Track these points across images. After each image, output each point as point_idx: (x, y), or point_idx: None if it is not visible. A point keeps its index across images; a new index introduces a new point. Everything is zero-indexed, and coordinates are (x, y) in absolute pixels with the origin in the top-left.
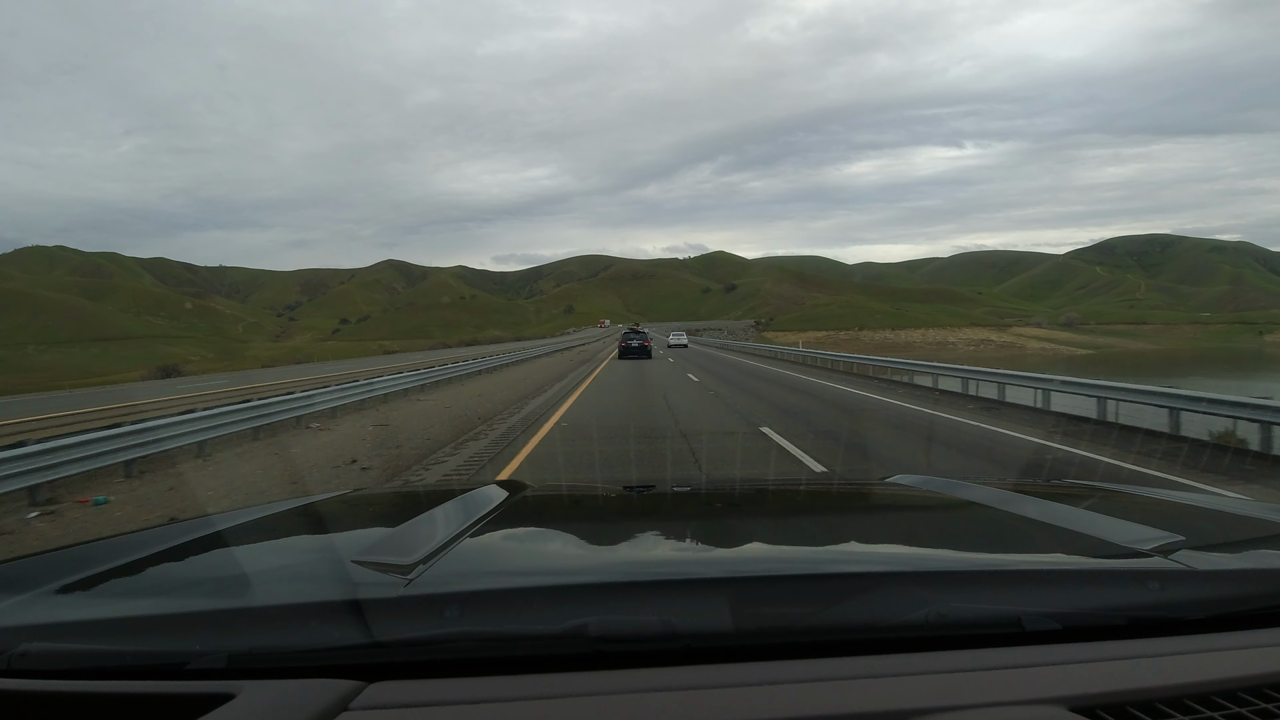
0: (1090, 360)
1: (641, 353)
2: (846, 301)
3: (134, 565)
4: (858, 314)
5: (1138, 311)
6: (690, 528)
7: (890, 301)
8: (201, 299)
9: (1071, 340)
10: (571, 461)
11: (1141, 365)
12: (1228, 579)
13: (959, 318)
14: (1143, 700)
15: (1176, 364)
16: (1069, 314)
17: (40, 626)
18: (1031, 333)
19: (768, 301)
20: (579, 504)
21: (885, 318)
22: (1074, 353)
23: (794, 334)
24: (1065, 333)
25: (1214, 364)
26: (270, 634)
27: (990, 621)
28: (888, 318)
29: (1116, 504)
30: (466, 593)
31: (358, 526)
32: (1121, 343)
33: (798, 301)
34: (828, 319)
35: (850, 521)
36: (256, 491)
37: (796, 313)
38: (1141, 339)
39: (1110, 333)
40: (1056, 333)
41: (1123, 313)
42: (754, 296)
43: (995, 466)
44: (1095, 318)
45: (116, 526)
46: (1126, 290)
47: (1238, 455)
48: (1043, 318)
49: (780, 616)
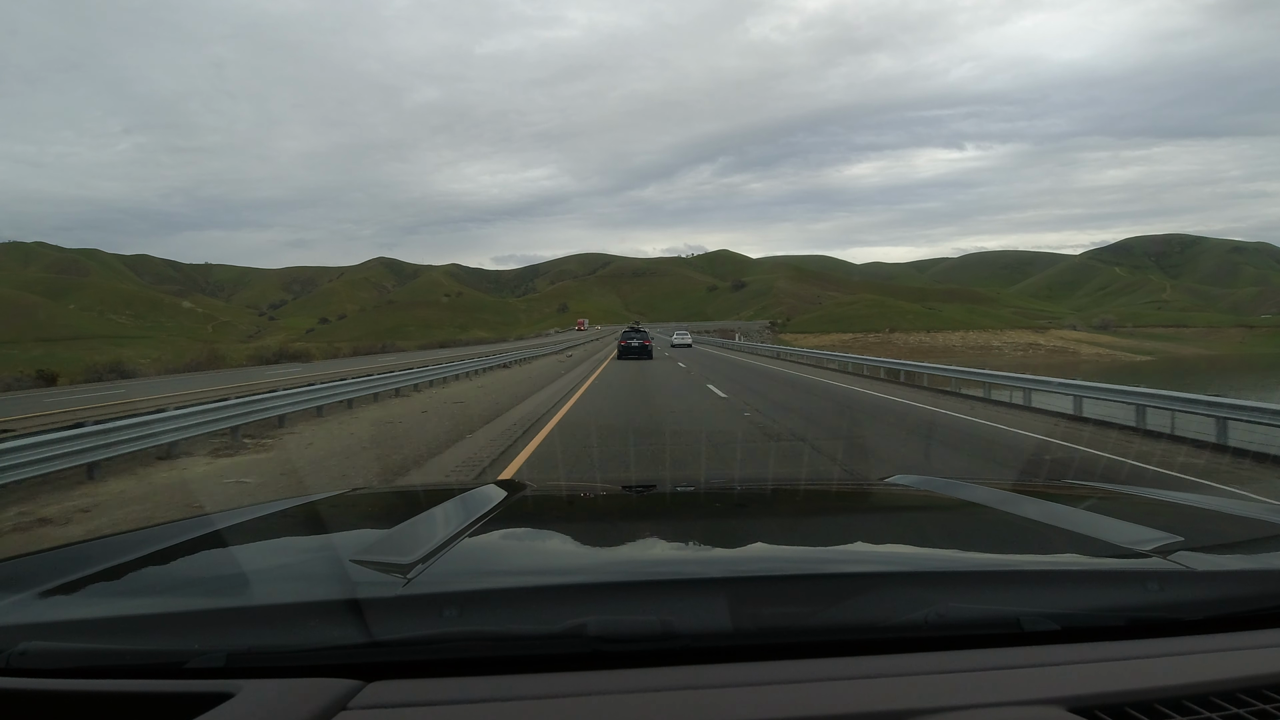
0: (1159, 368)
1: (642, 352)
2: (873, 301)
3: (133, 564)
4: (886, 314)
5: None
6: (690, 527)
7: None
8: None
9: (1119, 344)
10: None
11: (1224, 373)
12: (1227, 579)
13: (995, 319)
14: (1142, 701)
15: (1259, 372)
16: (1104, 316)
17: (39, 625)
18: (1074, 336)
19: (780, 300)
20: (578, 504)
21: (916, 319)
22: (1132, 359)
23: (815, 336)
24: (1106, 336)
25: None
26: (269, 633)
27: (989, 622)
28: (919, 319)
29: (1116, 504)
30: (465, 592)
31: (356, 526)
32: (1170, 347)
33: (813, 300)
34: (852, 320)
35: (850, 522)
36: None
37: (815, 313)
38: (1189, 343)
39: (1150, 336)
40: (1098, 336)
41: (1158, 315)
42: (765, 295)
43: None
44: (1131, 320)
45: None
46: (1150, 291)
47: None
48: (1075, 319)
49: (779, 616)
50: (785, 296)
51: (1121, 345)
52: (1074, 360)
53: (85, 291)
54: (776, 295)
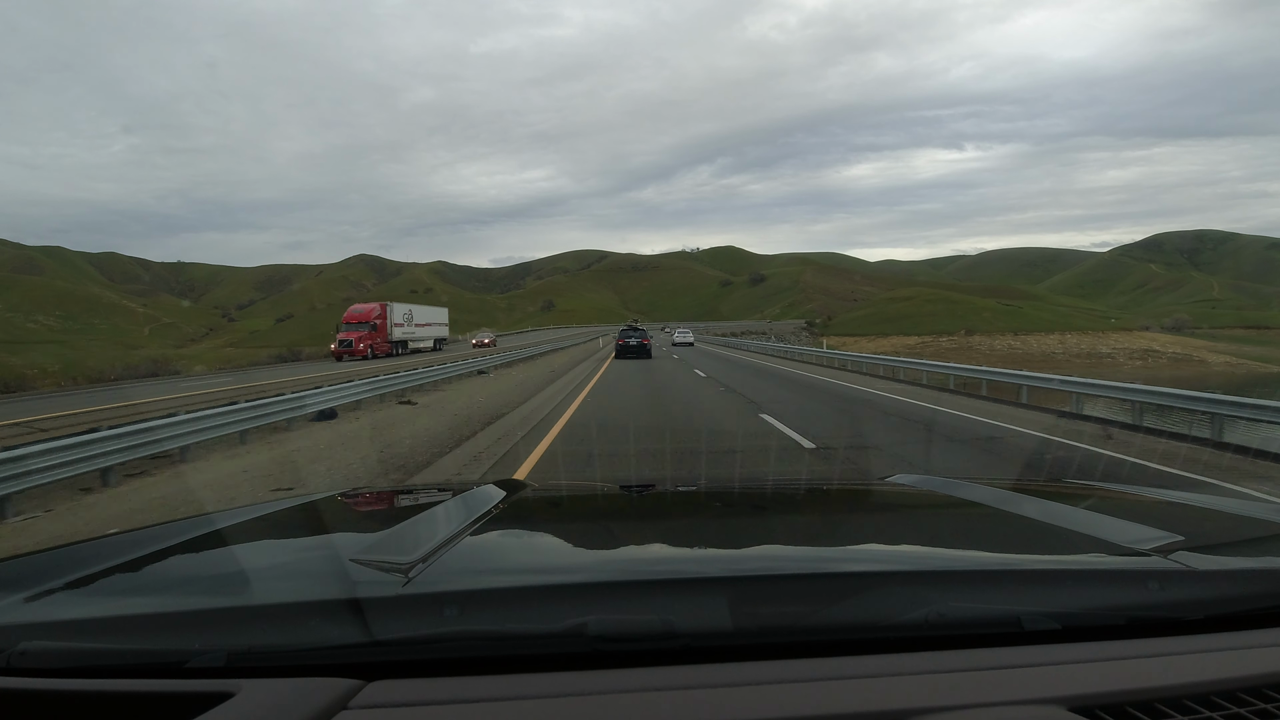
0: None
1: (640, 351)
2: (937, 296)
3: (133, 563)
4: (955, 312)
5: (1252, 314)
6: (690, 527)
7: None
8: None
9: (1239, 351)
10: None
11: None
12: (1227, 579)
13: (1092, 320)
14: (1142, 700)
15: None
16: (1177, 316)
17: (40, 625)
18: (1173, 340)
19: (810, 296)
20: (578, 503)
21: (994, 318)
22: (1266, 369)
23: (870, 340)
24: (1199, 340)
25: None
26: (269, 632)
27: (989, 621)
28: (997, 318)
29: (1116, 504)
30: (466, 591)
31: (357, 525)
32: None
33: (846, 296)
34: (913, 319)
35: (850, 521)
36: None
37: (860, 311)
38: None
39: (1235, 338)
40: (1189, 339)
41: (1236, 316)
42: (790, 290)
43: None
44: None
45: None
46: (1194, 289)
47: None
48: (1147, 320)
49: (779, 616)
50: (815, 292)
51: (1242, 352)
52: (1208, 371)
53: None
54: (804, 290)
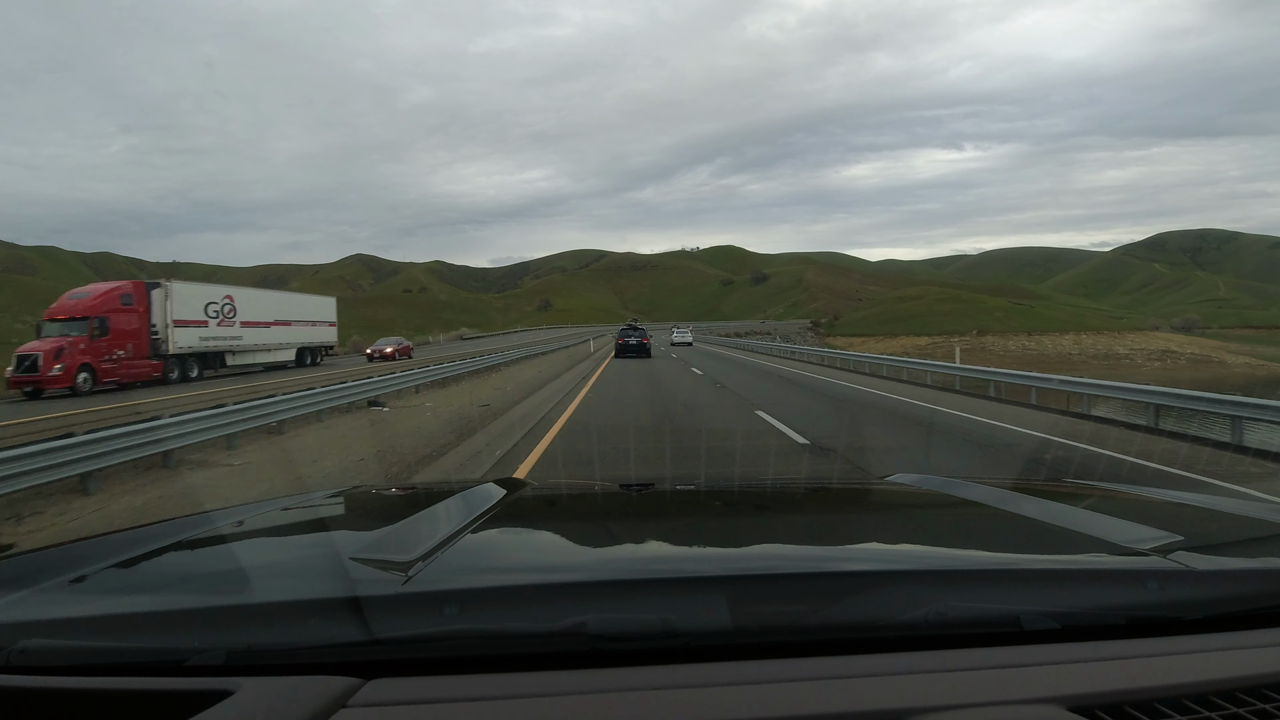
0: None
1: (640, 351)
2: (946, 295)
3: (132, 562)
4: (966, 311)
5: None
6: (689, 526)
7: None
8: None
9: (1257, 352)
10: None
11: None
12: (1227, 579)
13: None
14: (1141, 700)
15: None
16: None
17: (40, 623)
18: (1189, 341)
19: (814, 295)
20: (578, 502)
21: (1006, 318)
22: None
23: (878, 340)
24: (1212, 340)
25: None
26: (269, 631)
27: (989, 621)
28: (1009, 317)
29: (1116, 504)
30: (465, 590)
31: (356, 523)
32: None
33: (851, 296)
34: (921, 318)
35: (849, 520)
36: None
37: (867, 310)
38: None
39: (1245, 338)
40: (1201, 340)
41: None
42: (794, 289)
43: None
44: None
45: None
46: (1199, 289)
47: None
48: (1155, 319)
49: (779, 615)
50: (819, 291)
51: (1258, 353)
52: (1227, 373)
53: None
54: (808, 289)
